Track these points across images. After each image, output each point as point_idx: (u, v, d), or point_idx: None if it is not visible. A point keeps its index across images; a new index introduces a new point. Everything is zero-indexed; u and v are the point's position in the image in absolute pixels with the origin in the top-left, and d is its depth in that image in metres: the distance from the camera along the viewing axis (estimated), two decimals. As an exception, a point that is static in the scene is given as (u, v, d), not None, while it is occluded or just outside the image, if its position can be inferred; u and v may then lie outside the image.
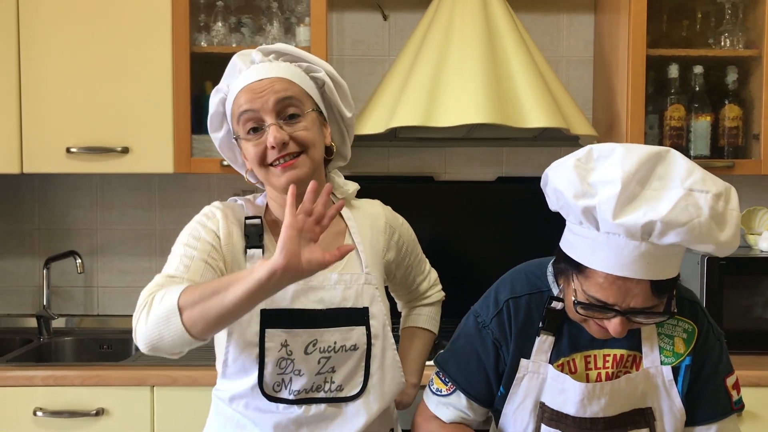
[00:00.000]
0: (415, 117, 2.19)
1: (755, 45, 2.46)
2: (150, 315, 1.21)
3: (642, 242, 1.18)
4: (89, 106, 2.36)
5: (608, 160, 1.20)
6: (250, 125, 1.38)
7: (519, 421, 1.40)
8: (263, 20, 2.48)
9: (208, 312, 1.18)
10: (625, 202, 1.16)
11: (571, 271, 1.28)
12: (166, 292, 1.22)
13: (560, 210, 1.28)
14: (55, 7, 2.34)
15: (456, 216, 2.72)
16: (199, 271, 1.32)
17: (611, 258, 1.20)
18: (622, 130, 2.43)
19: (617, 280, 1.21)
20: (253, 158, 1.38)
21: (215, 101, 1.45)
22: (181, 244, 1.37)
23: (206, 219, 1.41)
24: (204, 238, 1.37)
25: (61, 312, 2.72)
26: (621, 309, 1.23)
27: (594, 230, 1.21)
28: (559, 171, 1.24)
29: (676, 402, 1.37)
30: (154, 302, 1.22)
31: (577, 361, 1.37)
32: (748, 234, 2.57)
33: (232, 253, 1.39)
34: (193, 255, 1.34)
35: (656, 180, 1.19)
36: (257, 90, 1.37)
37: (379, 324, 1.43)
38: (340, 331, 1.39)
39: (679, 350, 1.37)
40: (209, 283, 1.22)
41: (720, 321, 2.30)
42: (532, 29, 2.66)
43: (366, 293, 1.43)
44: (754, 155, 2.46)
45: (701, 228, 1.15)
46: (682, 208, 1.14)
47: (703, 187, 1.17)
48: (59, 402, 2.13)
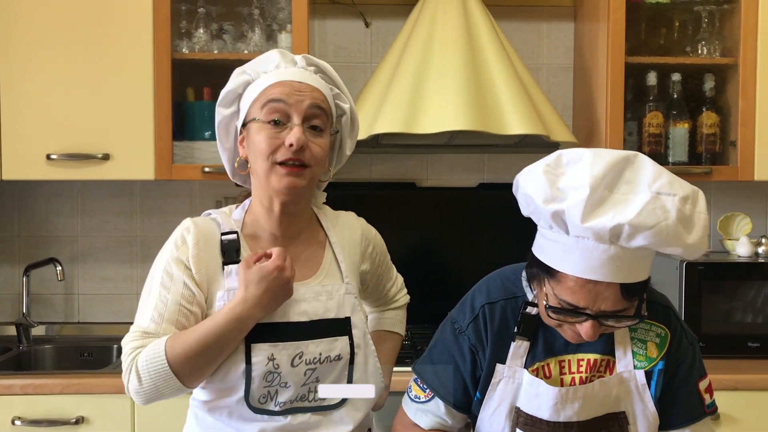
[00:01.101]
0: (397, 124, 2.20)
1: (731, 53, 2.49)
2: (142, 378, 1.30)
3: (611, 246, 1.19)
4: (70, 112, 2.35)
5: (577, 165, 1.22)
6: (275, 116, 1.36)
7: (495, 426, 1.40)
8: (245, 27, 2.49)
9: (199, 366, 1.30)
10: (594, 206, 1.18)
11: (543, 275, 1.29)
12: (150, 355, 1.29)
13: (531, 215, 1.30)
14: (35, 12, 2.33)
15: (438, 222, 2.73)
16: (174, 317, 1.34)
17: (581, 262, 1.21)
18: (601, 136, 2.45)
19: (587, 284, 1.22)
20: (263, 149, 1.35)
21: (238, 81, 1.42)
22: (157, 284, 1.37)
23: (176, 249, 1.38)
24: (177, 276, 1.36)
25: (41, 320, 2.69)
26: (592, 312, 1.24)
27: (564, 234, 1.23)
28: (529, 176, 1.26)
29: (650, 406, 1.38)
30: (140, 366, 1.30)
31: (552, 366, 1.38)
32: (726, 239, 2.60)
33: (206, 276, 1.37)
34: (167, 299, 1.35)
35: (624, 184, 1.20)
36: (296, 88, 1.37)
37: (360, 333, 1.43)
38: (324, 342, 1.39)
39: (652, 354, 1.39)
40: (190, 337, 1.29)
41: (699, 326, 2.34)
42: (512, 37, 2.68)
43: (347, 303, 1.43)
44: (732, 162, 2.49)
45: (669, 231, 1.16)
46: (649, 212, 1.16)
47: (671, 191, 1.18)
48: (38, 411, 2.11)
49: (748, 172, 2.43)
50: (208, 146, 2.42)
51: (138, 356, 1.31)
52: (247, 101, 1.40)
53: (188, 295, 1.35)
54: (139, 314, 1.38)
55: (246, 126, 1.41)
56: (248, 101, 1.40)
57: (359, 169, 2.73)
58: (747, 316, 2.38)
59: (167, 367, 1.28)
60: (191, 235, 1.39)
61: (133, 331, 1.35)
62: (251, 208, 1.46)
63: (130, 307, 2.74)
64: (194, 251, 1.37)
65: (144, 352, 1.30)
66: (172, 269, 1.37)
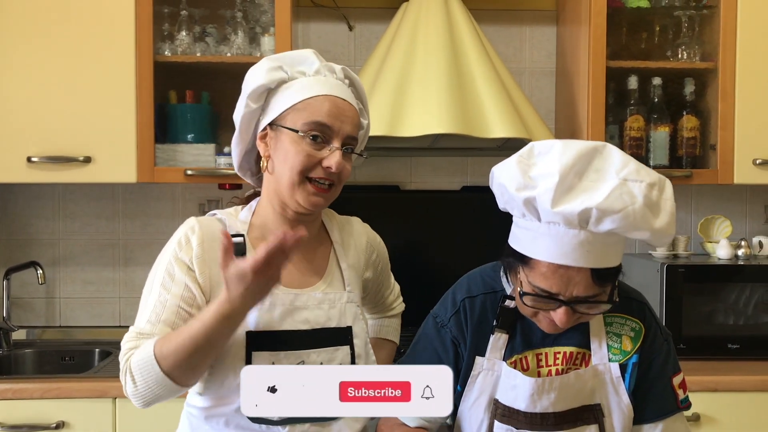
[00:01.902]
0: (380, 127, 2.21)
1: (711, 58, 2.52)
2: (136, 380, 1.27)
3: (580, 230, 1.23)
4: (51, 114, 2.33)
5: (548, 155, 1.26)
6: (315, 133, 1.34)
7: (474, 418, 1.42)
8: (228, 30, 2.48)
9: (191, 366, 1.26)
10: (563, 192, 1.22)
11: (517, 263, 1.33)
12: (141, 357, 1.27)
13: (506, 205, 1.33)
14: (16, 13, 2.31)
15: (422, 225, 2.74)
16: (171, 319, 1.31)
17: (552, 247, 1.25)
18: (583, 139, 2.46)
19: (559, 269, 1.25)
20: (297, 163, 1.32)
21: (273, 77, 1.36)
22: (158, 285, 1.34)
23: (179, 249, 1.35)
24: (178, 277, 1.33)
25: (21, 324, 2.67)
26: (564, 298, 1.27)
27: (536, 222, 1.26)
28: (503, 167, 1.30)
29: (624, 398, 1.41)
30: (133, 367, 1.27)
31: (530, 358, 1.41)
32: (706, 242, 2.63)
33: (210, 277, 1.34)
34: (165, 300, 1.32)
35: (593, 172, 1.24)
36: (341, 108, 1.35)
37: (361, 343, 1.43)
38: (326, 352, 1.38)
39: (627, 348, 1.42)
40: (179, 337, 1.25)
41: (679, 327, 2.36)
42: (495, 41, 2.70)
43: (349, 312, 1.42)
44: (712, 165, 2.52)
45: (636, 215, 1.20)
46: (616, 197, 1.20)
47: (638, 177, 1.23)
48: (18, 415, 2.09)
49: (728, 176, 2.46)
50: (191, 149, 2.41)
51: (131, 357, 1.28)
52: (283, 103, 1.36)
53: (188, 297, 1.32)
54: (138, 314, 1.35)
55: (275, 127, 1.37)
56: (284, 103, 1.36)
57: (343, 172, 2.72)
58: (727, 318, 2.41)
59: (158, 368, 1.24)
60: (196, 235, 1.36)
61: (130, 332, 1.33)
62: (259, 210, 1.43)
63: (111, 310, 2.73)
64: (198, 252, 1.34)
65: (136, 353, 1.28)
66: (173, 270, 1.34)
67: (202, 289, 1.34)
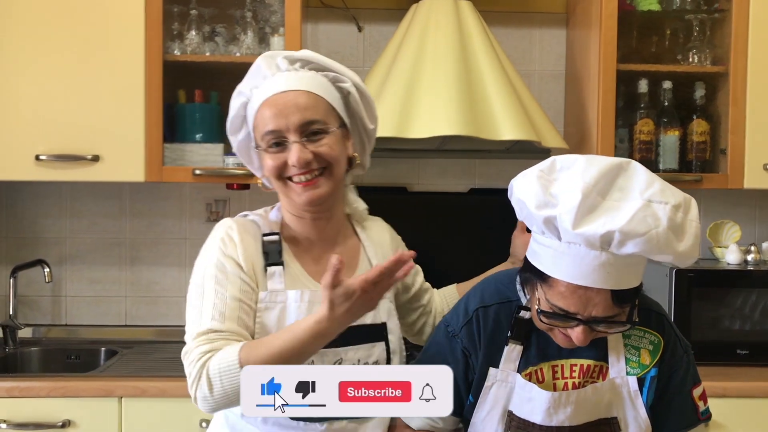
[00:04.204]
0: (388, 128, 2.20)
1: (722, 62, 2.51)
2: (213, 386, 1.23)
3: (602, 252, 1.20)
4: (59, 113, 2.33)
5: (570, 171, 1.23)
6: (273, 141, 1.36)
7: (488, 429, 1.41)
8: (237, 30, 2.48)
9: None
10: (585, 213, 1.18)
11: (536, 280, 1.30)
12: (223, 363, 1.23)
13: (524, 220, 1.30)
14: (25, 12, 2.31)
15: (429, 227, 2.72)
16: (236, 314, 1.30)
17: (572, 267, 1.22)
18: (592, 143, 2.46)
19: (578, 290, 1.23)
20: (271, 171, 1.37)
21: (236, 104, 1.42)
22: (211, 283, 1.32)
23: (224, 245, 1.36)
24: (231, 271, 1.33)
25: (27, 322, 2.66)
26: (583, 318, 1.25)
27: (556, 240, 1.23)
28: (523, 181, 1.27)
29: (641, 412, 1.39)
30: (212, 373, 1.23)
31: (545, 370, 1.39)
32: (715, 247, 2.61)
33: (254, 274, 1.36)
34: (224, 296, 1.31)
35: (617, 191, 1.21)
36: (281, 105, 1.35)
37: (395, 339, 1.44)
38: (363, 348, 1.39)
39: (645, 361, 1.39)
40: (269, 349, 1.23)
41: (688, 332, 2.35)
42: (505, 43, 2.69)
43: (382, 308, 1.43)
44: (722, 170, 2.50)
45: (659, 238, 1.17)
46: (640, 219, 1.17)
47: (662, 198, 1.19)
48: (24, 414, 2.09)
49: (738, 180, 2.45)
50: (199, 148, 2.41)
51: (209, 362, 1.25)
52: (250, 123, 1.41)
53: (247, 291, 1.32)
54: (194, 318, 1.32)
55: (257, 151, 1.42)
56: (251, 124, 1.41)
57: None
58: (736, 323, 2.40)
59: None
60: (236, 232, 1.37)
61: (196, 336, 1.29)
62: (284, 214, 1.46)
63: (117, 309, 2.73)
64: (242, 247, 1.35)
65: (215, 359, 1.24)
66: (224, 266, 1.33)
67: (250, 282, 1.34)
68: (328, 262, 1.34)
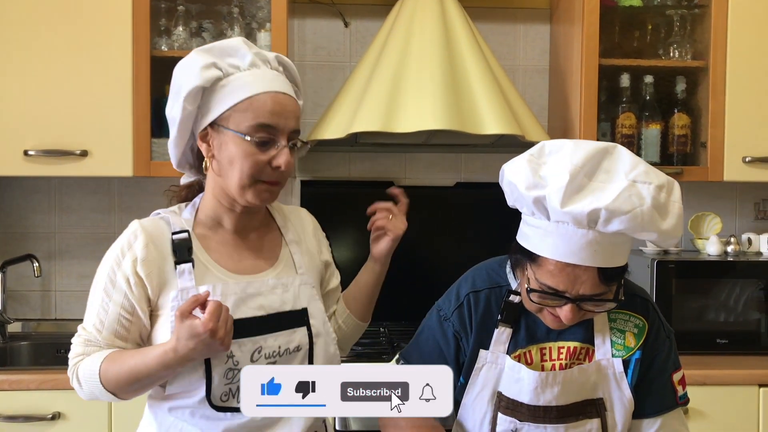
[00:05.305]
0: (375, 122, 2.23)
1: (702, 56, 2.55)
2: (82, 386, 1.38)
3: (589, 230, 1.24)
4: (48, 108, 2.34)
5: (558, 155, 1.28)
6: (264, 137, 1.33)
7: (477, 411, 1.44)
8: (224, 25, 2.50)
9: (132, 391, 1.36)
10: (573, 192, 1.23)
11: (525, 260, 1.35)
12: (88, 370, 1.35)
13: (515, 203, 1.34)
14: (13, 8, 2.32)
15: (416, 220, 2.71)
16: (113, 326, 1.37)
17: (560, 246, 1.26)
18: (575, 137, 2.49)
19: (566, 267, 1.27)
20: (246, 168, 1.32)
21: (208, 76, 1.32)
22: (101, 288, 1.38)
23: (121, 255, 1.36)
24: (119, 286, 1.35)
25: (17, 316, 2.68)
26: (571, 296, 1.29)
27: (545, 220, 1.28)
28: (514, 165, 1.32)
29: (626, 393, 1.43)
30: (80, 376, 1.37)
31: (533, 352, 1.43)
32: (696, 239, 2.66)
33: (158, 278, 1.36)
34: (108, 306, 1.37)
35: (603, 173, 1.26)
36: (284, 105, 1.35)
37: (318, 322, 1.44)
38: (283, 335, 1.39)
39: (630, 344, 1.44)
40: (122, 368, 1.32)
41: (669, 322, 2.33)
42: (489, 39, 2.72)
43: (303, 294, 1.44)
44: (702, 162, 2.55)
45: (644, 216, 1.22)
46: (625, 198, 1.22)
47: (646, 179, 1.25)
48: (14, 406, 2.11)
49: (718, 173, 2.49)
50: (187, 143, 2.42)
51: (79, 366, 1.37)
52: (223, 103, 1.33)
53: (128, 306, 1.36)
54: (86, 311, 1.41)
55: (217, 127, 1.35)
56: (224, 103, 1.33)
57: (338, 167, 2.74)
58: (716, 313, 2.44)
59: (101, 386, 1.34)
60: (139, 239, 1.36)
61: (79, 334, 1.41)
62: (204, 205, 1.43)
63: (107, 303, 2.73)
64: (143, 254, 1.35)
65: (83, 365, 1.36)
66: (115, 277, 1.36)
67: (150, 290, 1.36)
68: (244, 253, 1.40)
